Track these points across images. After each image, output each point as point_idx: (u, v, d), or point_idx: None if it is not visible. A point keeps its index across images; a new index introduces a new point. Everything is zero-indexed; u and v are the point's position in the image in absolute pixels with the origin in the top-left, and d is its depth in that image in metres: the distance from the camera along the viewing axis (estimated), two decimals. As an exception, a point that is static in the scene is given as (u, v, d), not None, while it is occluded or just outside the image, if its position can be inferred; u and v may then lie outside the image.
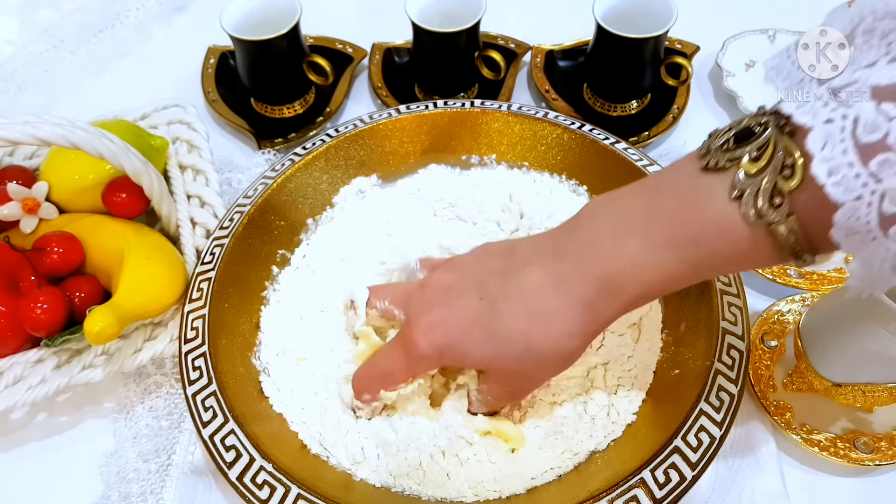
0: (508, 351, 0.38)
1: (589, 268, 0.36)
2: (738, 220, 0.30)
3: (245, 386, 0.47)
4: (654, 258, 0.34)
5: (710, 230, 0.32)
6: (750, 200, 0.30)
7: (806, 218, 0.29)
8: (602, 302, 0.36)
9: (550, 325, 0.37)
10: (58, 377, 0.47)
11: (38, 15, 0.82)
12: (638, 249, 0.34)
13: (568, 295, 0.36)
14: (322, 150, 0.57)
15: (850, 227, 0.27)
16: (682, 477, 0.39)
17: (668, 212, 0.33)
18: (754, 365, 0.50)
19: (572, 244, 0.37)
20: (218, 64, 0.74)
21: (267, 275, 0.54)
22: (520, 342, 0.38)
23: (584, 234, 0.37)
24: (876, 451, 0.46)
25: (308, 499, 0.40)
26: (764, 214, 0.29)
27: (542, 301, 0.37)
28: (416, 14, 0.64)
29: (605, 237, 0.36)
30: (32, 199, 0.53)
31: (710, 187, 0.31)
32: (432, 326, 0.40)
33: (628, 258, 0.35)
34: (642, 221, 0.34)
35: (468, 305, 0.39)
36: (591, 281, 0.36)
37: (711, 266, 0.34)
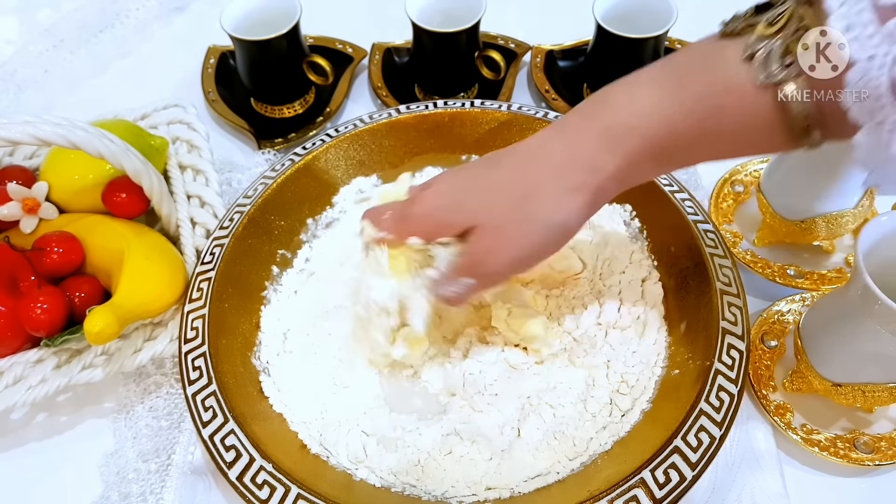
0: (503, 196, 0.37)
1: (594, 118, 0.36)
2: (746, 79, 0.31)
3: (245, 386, 0.47)
4: (659, 107, 0.34)
5: (717, 85, 0.32)
6: (761, 58, 0.30)
7: (816, 81, 0.29)
8: (603, 153, 0.35)
9: (549, 176, 0.36)
10: (58, 377, 0.47)
11: (38, 15, 0.82)
12: (646, 98, 0.34)
13: (570, 146, 0.36)
14: (322, 150, 0.57)
15: (860, 90, 0.27)
16: (682, 477, 0.39)
17: (679, 67, 0.34)
18: (754, 365, 0.50)
19: (586, 103, 0.37)
20: (218, 64, 0.74)
21: (267, 275, 0.54)
22: (516, 189, 0.37)
23: (600, 93, 0.37)
24: (876, 451, 0.46)
25: (308, 499, 0.40)
26: (772, 73, 0.30)
27: (544, 153, 0.37)
28: (416, 14, 0.64)
29: (618, 91, 0.36)
30: (32, 199, 0.53)
31: (724, 48, 0.32)
32: (436, 191, 0.41)
33: (634, 107, 0.35)
34: (657, 77, 0.35)
35: (469, 168, 0.40)
36: (594, 130, 0.36)
37: (717, 129, 0.33)
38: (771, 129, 0.31)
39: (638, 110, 0.34)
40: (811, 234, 0.53)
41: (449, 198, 0.40)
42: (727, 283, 0.47)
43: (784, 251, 0.57)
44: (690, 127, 0.33)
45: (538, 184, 0.37)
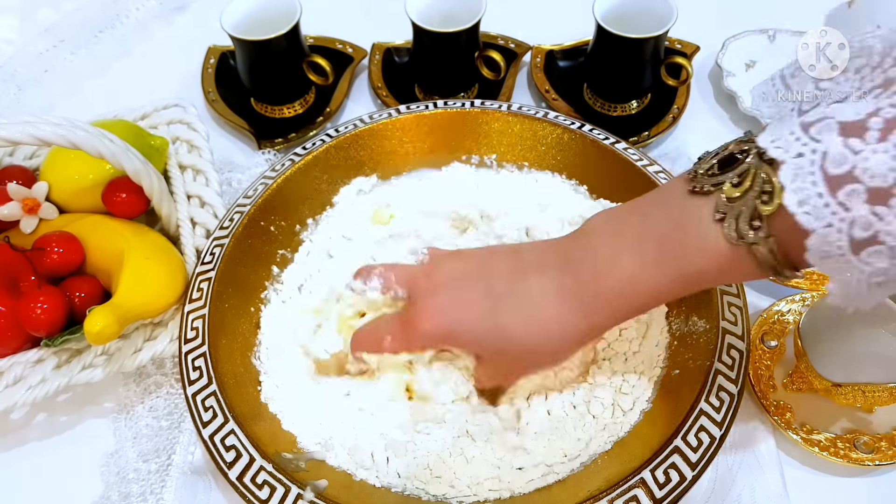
0: (508, 346, 0.41)
1: (587, 284, 0.38)
2: (720, 241, 0.33)
3: (245, 386, 0.47)
4: (647, 276, 0.36)
5: (694, 250, 0.34)
6: (732, 223, 0.32)
7: (783, 240, 0.31)
8: (598, 315, 0.39)
9: (549, 330, 0.40)
10: (58, 377, 0.47)
11: (38, 15, 0.82)
12: (632, 268, 0.37)
13: (568, 307, 0.39)
14: (322, 151, 0.57)
15: (823, 252, 0.29)
16: (682, 477, 0.39)
17: (657, 232, 0.36)
18: (754, 365, 0.50)
19: (574, 260, 0.39)
20: (218, 64, 0.74)
21: (267, 275, 0.54)
22: (520, 340, 0.40)
23: (585, 251, 0.39)
24: (876, 451, 0.46)
25: (308, 499, 0.40)
26: (744, 235, 0.32)
27: (544, 308, 0.39)
28: (416, 14, 0.64)
29: (603, 255, 0.38)
30: (32, 199, 0.53)
31: (696, 210, 0.34)
32: (438, 309, 0.42)
33: (624, 276, 0.37)
34: (636, 241, 0.37)
35: (475, 297, 0.41)
36: (588, 296, 0.38)
37: (698, 282, 0.36)
38: (748, 274, 0.34)
39: (629, 279, 0.37)
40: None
41: (456, 322, 0.41)
42: (727, 283, 0.47)
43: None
44: (675, 288, 0.36)
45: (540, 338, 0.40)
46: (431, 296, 0.42)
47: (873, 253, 0.28)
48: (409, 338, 0.43)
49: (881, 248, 0.27)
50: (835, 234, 0.28)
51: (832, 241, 0.28)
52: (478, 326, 0.41)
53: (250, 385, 0.47)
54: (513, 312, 0.40)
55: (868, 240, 0.28)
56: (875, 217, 0.27)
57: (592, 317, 0.39)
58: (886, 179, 0.27)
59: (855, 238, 0.28)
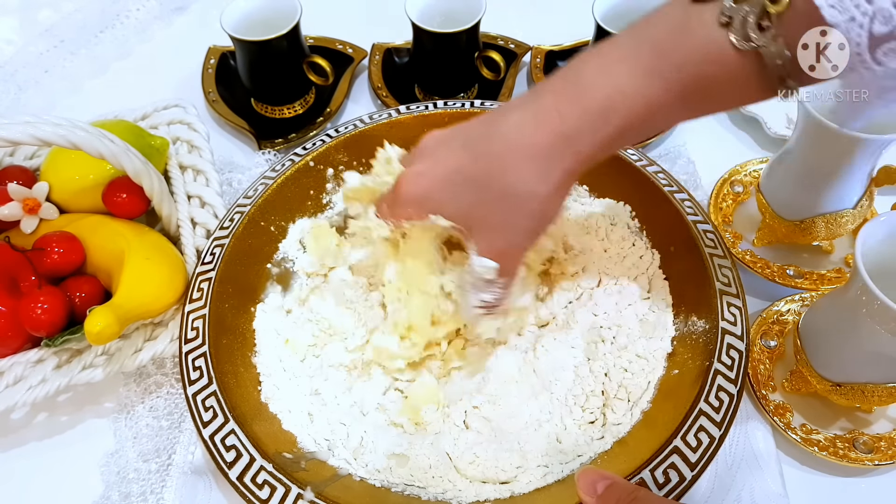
0: (485, 195, 0.38)
1: (571, 99, 0.35)
2: (725, 45, 0.31)
3: (245, 386, 0.47)
4: (640, 84, 0.34)
5: (697, 55, 0.32)
6: (738, 24, 0.30)
7: (794, 40, 0.30)
8: (583, 135, 0.35)
9: (528, 162, 0.37)
10: (58, 377, 0.47)
11: (38, 15, 0.82)
12: (623, 77, 0.34)
13: (547, 129, 0.36)
14: (322, 151, 0.57)
15: None
16: (682, 477, 0.39)
17: (655, 39, 0.33)
18: (754, 365, 0.50)
19: (558, 82, 0.37)
20: (218, 64, 0.74)
21: (267, 275, 0.54)
22: (497, 184, 0.37)
23: (571, 71, 0.36)
24: (875, 451, 0.46)
25: (308, 499, 0.40)
26: (752, 38, 0.30)
27: (521, 138, 0.37)
28: (416, 14, 0.64)
29: (591, 70, 0.35)
30: (33, 199, 0.53)
31: (699, 15, 0.32)
32: (417, 174, 0.40)
33: (613, 86, 0.34)
34: (630, 51, 0.34)
35: (451, 154, 0.39)
36: (572, 112, 0.35)
37: (697, 95, 0.34)
38: (748, 86, 0.32)
39: (617, 90, 0.34)
40: (810, 234, 0.53)
41: (440, 184, 0.40)
42: (727, 284, 0.47)
43: (783, 251, 0.57)
44: (671, 100, 0.34)
45: (513, 174, 0.37)
46: (412, 164, 0.41)
47: (889, 51, 0.28)
48: (396, 204, 0.42)
49: None
50: (856, 30, 0.27)
51: (852, 37, 0.28)
52: (452, 185, 0.39)
53: (250, 385, 0.47)
54: (486, 154, 0.37)
55: (886, 35, 0.27)
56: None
57: (576, 139, 0.35)
58: None
59: (874, 33, 0.27)
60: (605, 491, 0.35)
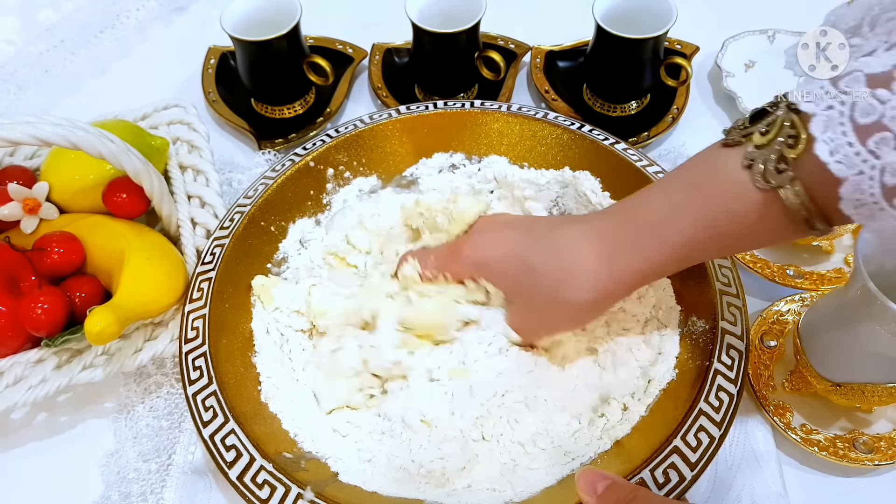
0: (535, 283, 0.43)
1: (615, 222, 0.41)
2: (748, 186, 0.34)
3: (245, 386, 0.47)
4: (673, 216, 0.38)
5: (723, 194, 0.35)
6: (759, 167, 0.33)
7: (812, 188, 0.32)
8: (625, 256, 0.40)
9: (575, 273, 0.41)
10: (58, 377, 0.47)
11: (38, 15, 0.82)
12: (660, 208, 0.38)
13: (596, 249, 0.41)
14: (322, 151, 0.57)
15: (856, 200, 0.30)
16: (682, 477, 0.39)
17: (688, 178, 0.38)
18: (754, 365, 0.50)
19: (608, 210, 0.43)
20: (218, 64, 0.74)
21: (267, 275, 0.54)
22: (547, 279, 0.42)
23: (627, 200, 0.41)
24: (875, 451, 0.46)
25: (308, 498, 0.40)
26: (770, 178, 0.33)
27: (572, 248, 0.42)
28: (416, 14, 0.64)
29: (637, 202, 0.40)
30: (33, 199, 0.53)
31: (726, 158, 0.35)
32: (480, 241, 0.47)
33: (652, 214, 0.39)
34: (667, 187, 0.39)
35: (516, 235, 0.45)
36: (615, 234, 0.40)
37: (727, 233, 0.36)
38: (777, 226, 0.34)
39: (654, 219, 0.39)
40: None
41: (496, 256, 0.46)
42: (726, 284, 0.47)
43: (783, 251, 0.57)
44: (702, 232, 0.37)
45: (566, 280, 0.42)
46: (477, 233, 0.48)
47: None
48: (449, 259, 0.47)
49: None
50: (867, 182, 0.29)
51: (864, 189, 0.29)
52: (509, 256, 0.45)
53: (250, 385, 0.47)
54: (543, 250, 0.43)
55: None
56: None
57: (616, 259, 0.40)
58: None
59: (886, 185, 0.29)
60: (605, 491, 0.36)
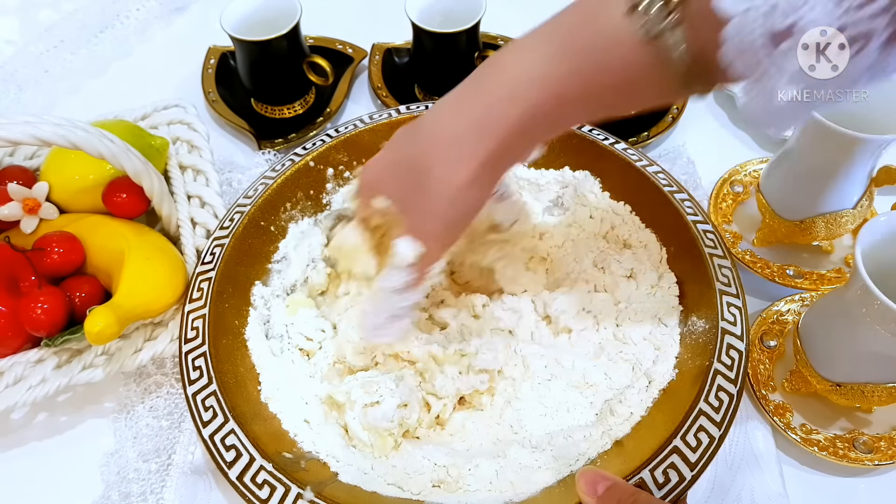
0: (415, 180, 0.39)
1: (484, 87, 0.37)
2: (629, 34, 0.31)
3: (245, 386, 0.47)
4: (546, 66, 0.34)
5: (601, 40, 0.32)
6: (642, 10, 0.30)
7: (696, 32, 0.29)
8: (493, 121, 0.36)
9: (444, 151, 0.38)
10: (58, 377, 0.47)
11: (38, 15, 0.82)
12: (531, 58, 0.35)
13: (462, 117, 0.37)
14: (322, 151, 0.57)
15: (740, 43, 0.27)
16: (682, 477, 0.39)
17: (565, 24, 0.34)
18: (754, 365, 0.50)
19: (476, 73, 0.38)
20: (218, 64, 0.74)
21: (267, 275, 0.54)
22: (421, 171, 0.39)
23: (491, 59, 0.37)
24: (875, 451, 0.46)
25: (308, 498, 0.40)
26: (652, 24, 0.30)
27: (440, 127, 0.38)
28: (416, 14, 0.64)
29: (506, 58, 0.36)
30: (33, 199, 0.53)
31: (609, 2, 0.32)
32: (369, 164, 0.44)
33: (521, 68, 0.35)
34: (542, 37, 0.35)
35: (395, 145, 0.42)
36: (483, 99, 0.36)
37: (602, 86, 0.33)
38: (655, 82, 0.32)
39: (520, 77, 0.35)
40: (810, 234, 0.53)
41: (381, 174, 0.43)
42: (726, 284, 0.47)
43: (783, 251, 0.57)
44: (575, 87, 0.34)
45: (432, 161, 0.38)
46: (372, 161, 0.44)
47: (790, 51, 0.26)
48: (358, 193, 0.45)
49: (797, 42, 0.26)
50: (750, 24, 0.26)
51: (751, 30, 0.26)
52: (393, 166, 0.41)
53: (250, 385, 0.47)
54: (417, 141, 0.39)
55: (786, 30, 0.26)
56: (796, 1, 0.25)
57: (486, 127, 0.36)
58: None
59: (775, 28, 0.26)
60: (605, 492, 0.35)
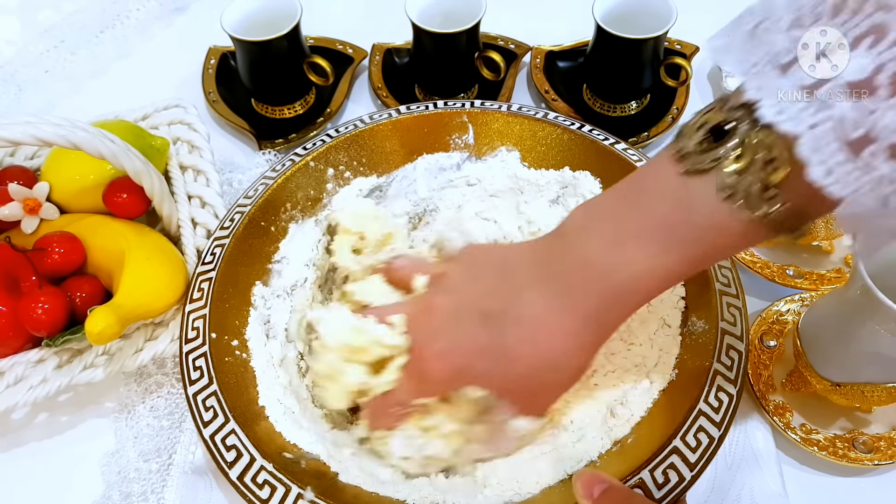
0: (517, 376, 0.39)
1: (589, 285, 0.37)
2: (732, 217, 0.32)
3: (245, 386, 0.47)
4: (654, 263, 0.35)
5: (706, 230, 0.33)
6: (741, 200, 0.31)
7: (803, 206, 0.31)
8: (606, 314, 0.38)
9: (556, 345, 0.38)
10: (59, 377, 0.47)
11: (38, 16, 0.82)
12: (636, 258, 0.35)
13: (571, 315, 0.37)
14: (322, 151, 0.57)
15: (853, 214, 0.29)
16: (681, 477, 0.39)
17: (660, 218, 0.34)
18: (753, 365, 0.50)
19: (567, 264, 0.38)
20: (218, 64, 0.74)
21: (267, 275, 0.54)
22: (527, 365, 0.39)
23: (577, 252, 0.37)
24: (875, 451, 0.46)
25: (309, 498, 0.40)
26: (757, 208, 0.31)
27: (546, 324, 0.38)
28: (416, 15, 0.64)
29: (600, 252, 0.36)
30: (33, 199, 0.53)
31: (699, 190, 0.32)
32: (441, 355, 0.41)
33: (627, 269, 0.36)
34: (635, 230, 0.35)
35: (473, 333, 0.40)
36: (592, 298, 0.37)
37: (712, 258, 0.37)
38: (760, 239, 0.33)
39: (630, 273, 0.36)
40: (810, 235, 0.53)
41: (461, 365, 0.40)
42: (726, 284, 0.47)
43: (783, 251, 0.57)
44: (684, 270, 0.35)
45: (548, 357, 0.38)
46: (430, 342, 0.41)
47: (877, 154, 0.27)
48: (423, 390, 0.41)
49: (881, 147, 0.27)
50: (865, 196, 0.28)
51: (863, 203, 0.28)
52: (482, 364, 0.39)
53: (251, 385, 0.47)
54: (514, 337, 0.38)
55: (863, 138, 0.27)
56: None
57: (600, 318, 0.38)
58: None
59: (883, 193, 0.28)
60: (601, 495, 0.35)
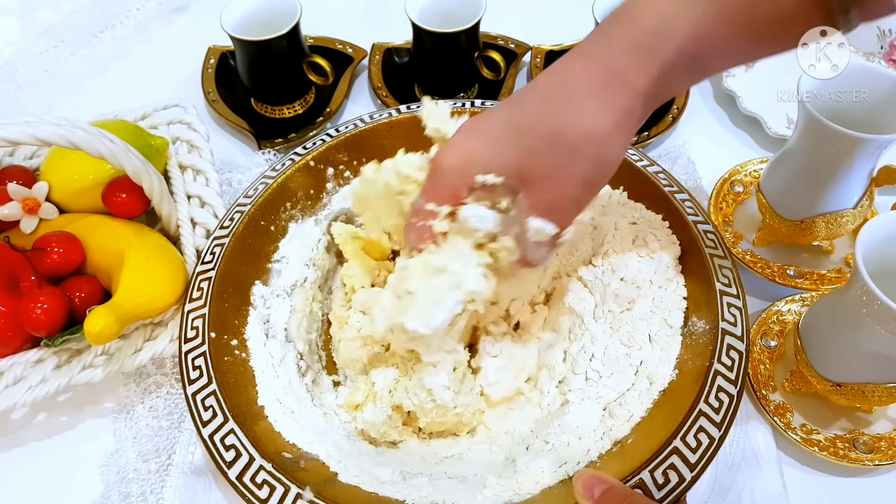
0: (536, 141, 0.34)
1: (617, 34, 0.33)
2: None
3: (245, 386, 0.47)
4: (685, 10, 0.32)
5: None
6: None
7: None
8: (633, 69, 0.33)
9: (577, 104, 0.33)
10: (58, 377, 0.47)
11: (38, 16, 0.82)
12: (668, 4, 0.32)
13: (594, 68, 0.33)
14: (322, 151, 0.57)
15: None
16: (682, 478, 0.39)
17: None
18: (754, 365, 0.50)
19: (603, 23, 0.34)
20: (218, 64, 0.74)
21: (267, 274, 0.54)
22: (548, 128, 0.34)
23: (617, 10, 0.34)
24: (875, 451, 0.46)
25: (308, 498, 0.40)
26: None
27: (569, 78, 0.34)
28: (416, 14, 0.64)
29: (637, 4, 0.33)
30: (33, 199, 0.53)
31: None
32: (454, 142, 0.37)
33: (658, 15, 0.32)
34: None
35: (493, 113, 0.36)
36: (618, 47, 0.33)
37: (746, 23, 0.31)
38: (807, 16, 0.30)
39: (662, 17, 0.32)
40: (811, 234, 0.53)
41: (482, 143, 0.35)
42: (727, 284, 0.47)
43: (784, 251, 0.57)
44: (717, 26, 0.31)
45: (567, 119, 0.33)
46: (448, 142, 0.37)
47: None
48: (435, 185, 0.37)
49: None
50: None
51: None
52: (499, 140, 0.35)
53: (250, 385, 0.47)
54: (532, 104, 0.34)
55: None
56: None
57: (627, 73, 0.33)
58: None
59: None
60: (601, 495, 0.35)
